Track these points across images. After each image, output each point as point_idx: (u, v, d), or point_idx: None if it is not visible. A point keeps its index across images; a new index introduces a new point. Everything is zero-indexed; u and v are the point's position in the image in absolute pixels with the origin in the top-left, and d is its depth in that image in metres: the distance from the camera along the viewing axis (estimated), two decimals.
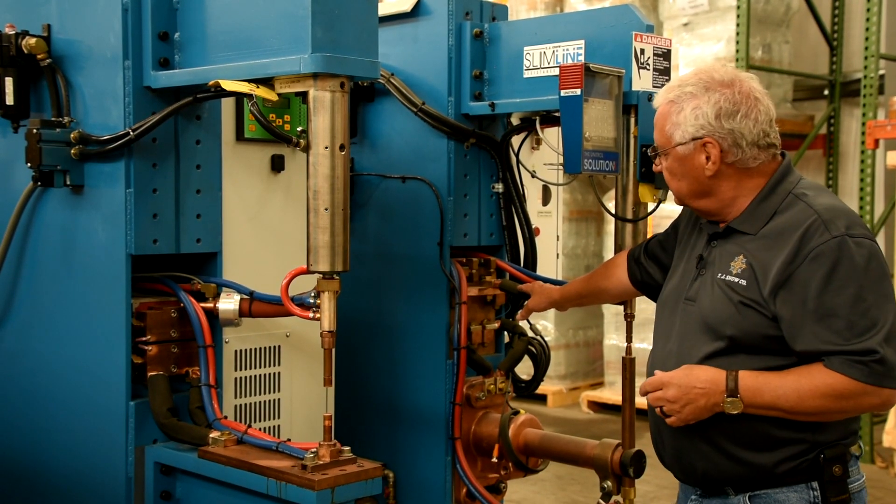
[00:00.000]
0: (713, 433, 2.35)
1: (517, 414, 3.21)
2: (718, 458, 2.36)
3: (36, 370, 2.87)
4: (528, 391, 3.43)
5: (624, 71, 2.92)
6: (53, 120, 2.67)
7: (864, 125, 6.98)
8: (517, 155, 3.34)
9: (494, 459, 3.22)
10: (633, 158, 2.98)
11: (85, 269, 2.71)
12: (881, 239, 7.25)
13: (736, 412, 2.28)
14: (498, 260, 3.39)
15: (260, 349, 2.93)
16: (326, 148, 2.32)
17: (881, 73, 7.54)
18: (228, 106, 2.84)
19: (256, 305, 2.70)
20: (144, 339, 2.65)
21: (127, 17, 2.58)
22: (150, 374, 2.65)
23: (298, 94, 2.40)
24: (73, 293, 2.75)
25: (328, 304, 2.40)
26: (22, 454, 2.92)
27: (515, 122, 3.35)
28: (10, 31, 2.73)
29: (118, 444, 2.64)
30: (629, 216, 3.07)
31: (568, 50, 3.08)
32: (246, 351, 2.90)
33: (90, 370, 2.70)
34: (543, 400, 8.30)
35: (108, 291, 2.64)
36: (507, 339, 3.45)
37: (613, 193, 3.12)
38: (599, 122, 2.86)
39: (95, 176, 2.67)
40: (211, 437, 2.53)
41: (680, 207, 2.63)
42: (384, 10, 3.26)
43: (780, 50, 8.25)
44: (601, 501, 2.98)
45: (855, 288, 2.20)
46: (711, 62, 7.46)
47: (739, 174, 2.39)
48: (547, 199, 5.14)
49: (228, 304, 2.70)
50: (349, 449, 2.39)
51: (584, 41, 3.05)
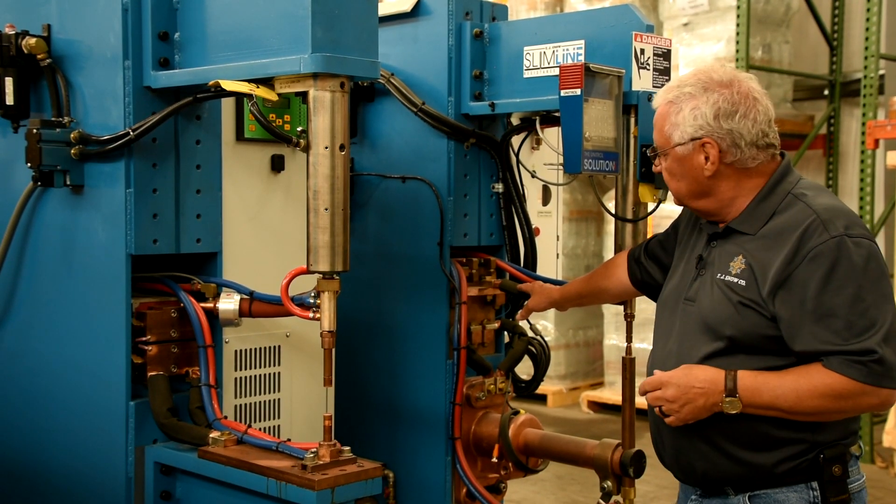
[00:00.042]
0: (713, 433, 2.35)
1: (517, 414, 3.21)
2: (718, 458, 2.36)
3: (36, 370, 2.87)
4: (528, 391, 3.43)
5: (624, 71, 2.92)
6: (53, 120, 2.67)
7: (864, 125, 6.98)
8: (517, 155, 3.34)
9: (494, 459, 3.22)
10: (633, 158, 2.98)
11: (85, 269, 2.71)
12: (881, 239, 7.24)
13: (734, 412, 2.28)
14: (498, 260, 3.39)
15: (260, 349, 2.93)
16: (326, 148, 2.32)
17: (881, 73, 7.54)
18: (228, 106, 2.84)
19: (256, 305, 2.70)
20: (144, 339, 2.65)
21: (127, 17, 2.58)
22: (150, 374, 2.65)
23: (298, 94, 2.40)
24: (73, 293, 2.75)
25: (328, 304, 2.40)
26: (22, 454, 2.92)
27: (515, 122, 3.35)
28: (10, 31, 2.73)
29: (118, 444, 2.64)
30: (629, 216, 3.07)
31: (568, 50, 3.08)
32: (246, 351, 2.90)
33: (90, 370, 2.70)
34: (543, 400, 8.30)
35: (108, 291, 2.64)
36: (507, 339, 3.44)
37: (613, 193, 3.12)
38: (599, 122, 2.86)
39: (95, 176, 2.67)
40: (211, 437, 2.53)
41: (680, 207, 2.63)
42: (384, 10, 3.25)
43: (780, 50, 8.24)
44: (601, 501, 2.98)
45: (854, 288, 2.20)
46: (711, 62, 7.46)
47: (738, 174, 2.39)
48: (547, 199, 5.15)
49: (228, 304, 2.70)
50: (349, 449, 2.39)
51: (584, 41, 3.05)
